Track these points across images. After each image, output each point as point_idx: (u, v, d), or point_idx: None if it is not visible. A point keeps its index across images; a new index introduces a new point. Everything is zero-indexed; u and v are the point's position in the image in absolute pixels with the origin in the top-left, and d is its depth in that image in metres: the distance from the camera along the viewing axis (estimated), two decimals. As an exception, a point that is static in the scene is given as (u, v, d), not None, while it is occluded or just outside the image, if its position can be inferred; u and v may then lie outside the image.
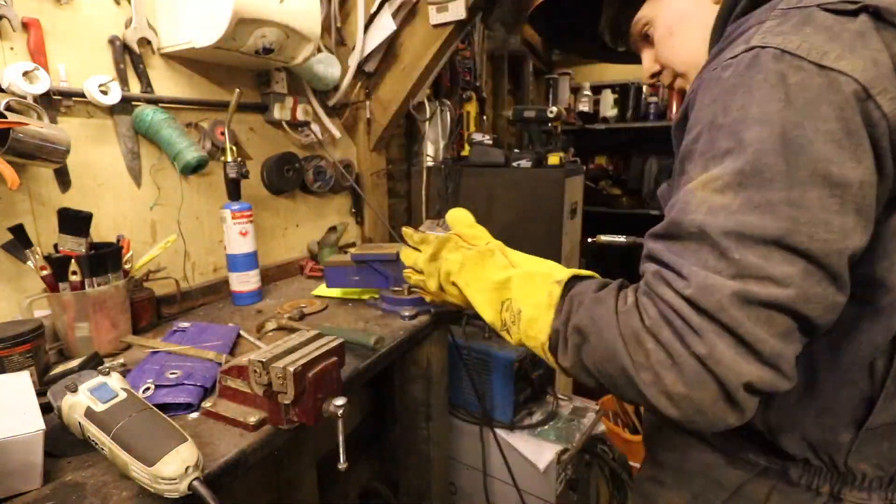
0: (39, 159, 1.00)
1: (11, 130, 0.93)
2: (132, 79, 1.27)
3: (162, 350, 1.04)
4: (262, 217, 1.68)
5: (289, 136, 1.72)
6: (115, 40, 1.22)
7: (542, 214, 2.08)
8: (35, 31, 1.06)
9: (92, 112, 1.20)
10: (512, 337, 0.65)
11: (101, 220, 1.21)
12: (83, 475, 0.70)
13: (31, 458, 0.66)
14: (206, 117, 1.44)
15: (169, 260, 1.38)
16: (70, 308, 1.04)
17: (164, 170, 1.36)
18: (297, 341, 0.84)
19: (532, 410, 1.84)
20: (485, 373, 1.76)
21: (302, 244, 1.87)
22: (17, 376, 0.80)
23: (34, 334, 0.91)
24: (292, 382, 0.74)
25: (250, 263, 1.42)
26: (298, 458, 1.59)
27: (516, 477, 1.68)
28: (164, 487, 0.61)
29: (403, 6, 1.76)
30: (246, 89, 1.57)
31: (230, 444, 0.77)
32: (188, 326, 1.19)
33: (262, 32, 1.28)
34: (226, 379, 0.86)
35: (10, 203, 1.07)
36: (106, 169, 1.24)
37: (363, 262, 1.38)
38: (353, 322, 1.29)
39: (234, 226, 1.37)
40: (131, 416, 0.67)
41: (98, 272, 1.07)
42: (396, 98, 1.94)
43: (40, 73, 1.04)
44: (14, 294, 1.09)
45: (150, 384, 0.89)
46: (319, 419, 0.80)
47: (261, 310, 1.40)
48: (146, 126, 1.26)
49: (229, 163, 1.37)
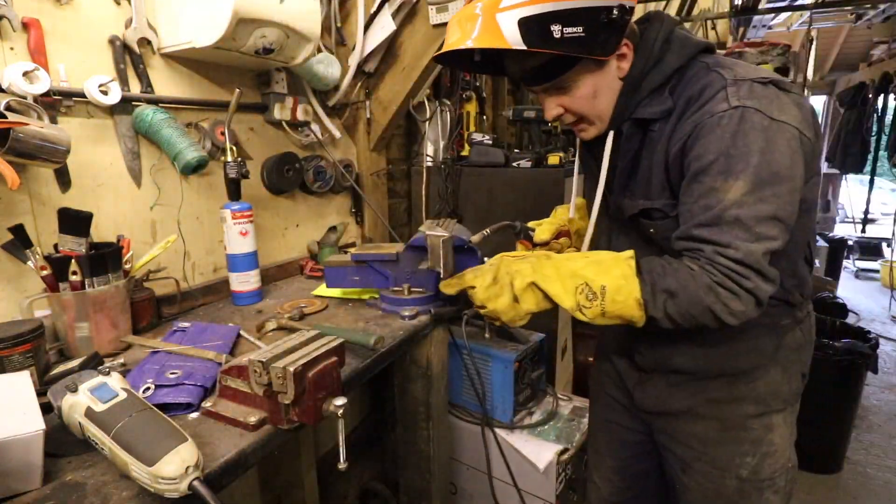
0: (39, 159, 1.00)
1: (11, 130, 0.93)
2: (132, 79, 1.27)
3: (162, 350, 1.05)
4: (262, 217, 1.68)
5: (289, 136, 1.72)
6: (116, 40, 1.22)
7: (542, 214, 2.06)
8: (35, 31, 1.06)
9: (92, 112, 1.20)
10: (587, 312, 0.85)
11: (101, 220, 1.21)
12: (83, 475, 0.70)
13: (31, 458, 0.66)
14: (206, 117, 1.44)
15: (169, 260, 1.38)
16: (70, 308, 1.04)
17: (165, 170, 1.36)
18: (297, 341, 0.84)
19: (532, 410, 1.84)
20: (485, 373, 1.76)
21: (302, 244, 1.87)
22: (17, 376, 0.80)
23: (34, 334, 0.91)
24: (292, 382, 0.74)
25: (250, 263, 1.42)
26: (298, 458, 1.59)
27: (516, 477, 1.68)
28: (165, 487, 0.61)
29: (403, 6, 1.76)
30: (246, 89, 1.57)
31: (230, 444, 0.77)
32: (188, 326, 1.19)
33: (262, 32, 1.28)
34: (226, 379, 0.86)
35: (10, 203, 1.07)
36: (106, 169, 1.24)
37: (363, 262, 1.38)
38: (353, 322, 1.29)
39: (234, 226, 1.37)
40: (131, 416, 0.67)
41: (98, 272, 1.07)
42: (396, 98, 1.94)
43: (40, 73, 1.04)
44: (14, 294, 1.09)
45: (150, 384, 0.89)
46: (319, 419, 0.80)
47: (261, 310, 1.40)
48: (146, 126, 1.26)
49: (229, 163, 1.37)
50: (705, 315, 0.81)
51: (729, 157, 0.79)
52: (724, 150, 0.79)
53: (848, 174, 6.08)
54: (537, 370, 1.86)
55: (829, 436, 2.36)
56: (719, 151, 0.79)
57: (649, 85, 0.90)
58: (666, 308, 0.82)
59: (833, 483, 2.32)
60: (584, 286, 0.85)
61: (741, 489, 1.01)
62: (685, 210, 0.85)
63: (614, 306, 0.83)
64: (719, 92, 0.82)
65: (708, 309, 0.80)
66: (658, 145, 0.90)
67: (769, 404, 0.99)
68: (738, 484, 1.01)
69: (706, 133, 0.81)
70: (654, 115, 0.89)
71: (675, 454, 1.09)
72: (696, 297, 0.80)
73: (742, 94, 0.81)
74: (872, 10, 4.27)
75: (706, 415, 1.02)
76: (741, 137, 0.78)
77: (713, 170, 0.80)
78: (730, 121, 0.79)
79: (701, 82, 0.86)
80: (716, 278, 0.79)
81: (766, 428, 0.99)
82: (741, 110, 0.79)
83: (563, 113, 0.95)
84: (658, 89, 0.90)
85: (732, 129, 0.79)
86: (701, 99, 0.84)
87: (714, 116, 0.81)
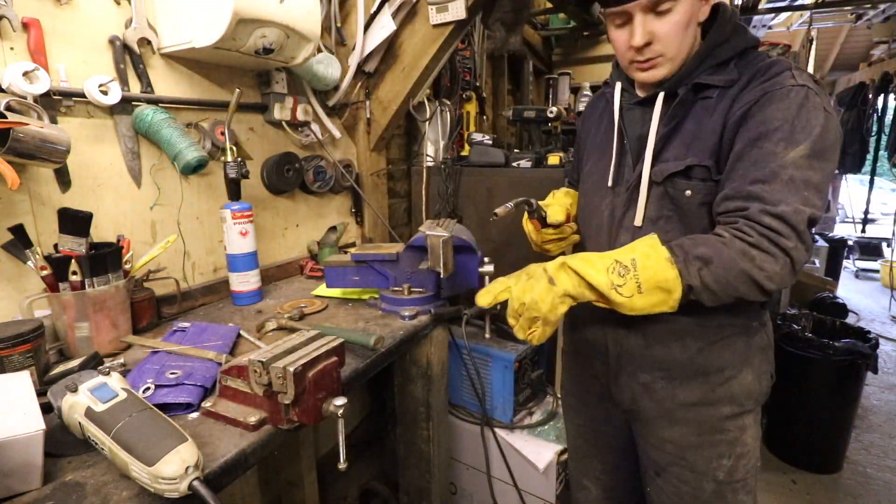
0: (39, 159, 1.00)
1: (11, 130, 0.93)
2: (132, 79, 1.27)
3: (162, 350, 1.05)
4: (262, 217, 1.68)
5: (289, 136, 1.72)
6: (116, 40, 1.22)
7: (542, 214, 2.07)
8: (35, 31, 1.06)
9: (92, 112, 1.20)
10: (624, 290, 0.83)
11: (101, 220, 1.21)
12: (83, 475, 0.70)
13: (31, 458, 0.66)
14: (206, 117, 1.44)
15: (169, 260, 1.38)
16: (70, 308, 1.04)
17: (164, 170, 1.36)
18: (297, 341, 0.84)
19: (532, 410, 1.84)
20: (485, 373, 1.76)
21: (302, 244, 1.87)
22: (17, 376, 0.80)
23: (34, 334, 0.91)
24: (292, 382, 0.74)
25: (250, 263, 1.42)
26: (298, 458, 1.59)
27: (516, 477, 1.68)
28: (164, 487, 0.61)
29: (403, 6, 1.76)
30: (246, 89, 1.57)
31: (230, 444, 0.77)
32: (188, 326, 1.19)
33: (262, 32, 1.28)
34: (226, 379, 0.86)
35: (10, 203, 1.07)
36: (106, 169, 1.24)
37: (363, 262, 1.38)
38: (353, 322, 1.29)
39: (234, 226, 1.37)
40: (131, 416, 0.67)
41: (98, 272, 1.07)
42: (396, 98, 1.94)
43: (40, 73, 1.04)
44: (14, 294, 1.09)
45: (150, 384, 0.89)
46: (319, 419, 0.80)
47: (261, 310, 1.40)
48: (146, 126, 1.26)
49: (229, 163, 1.37)
50: (742, 280, 0.81)
51: (793, 126, 0.83)
52: (790, 118, 0.83)
53: (848, 174, 6.09)
54: (537, 370, 1.86)
55: (829, 436, 2.36)
56: (785, 119, 0.83)
57: (717, 57, 0.93)
58: (701, 276, 0.81)
59: (833, 483, 2.32)
60: (614, 264, 0.84)
61: (718, 492, 1.02)
62: (738, 173, 0.86)
63: (647, 272, 0.82)
64: (786, 70, 0.87)
65: (744, 273, 0.80)
66: (715, 112, 0.91)
67: (743, 404, 1.01)
68: (714, 487, 1.02)
69: (774, 101, 0.85)
70: (718, 82, 0.92)
71: (649, 457, 1.09)
72: (731, 262, 0.80)
73: (806, 78, 0.86)
74: (872, 10, 4.27)
75: (682, 419, 1.02)
76: (805, 112, 0.83)
77: (776, 136, 0.83)
78: (797, 95, 0.84)
79: (766, 62, 0.91)
80: (751, 239, 0.80)
81: (740, 428, 1.01)
82: (807, 89, 0.84)
83: (650, 43, 0.92)
84: (724, 63, 0.93)
85: (799, 102, 0.83)
86: (769, 73, 0.88)
87: (783, 88, 0.85)
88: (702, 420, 1.01)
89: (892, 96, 5.02)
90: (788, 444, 2.45)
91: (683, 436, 1.03)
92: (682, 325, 0.98)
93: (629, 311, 0.84)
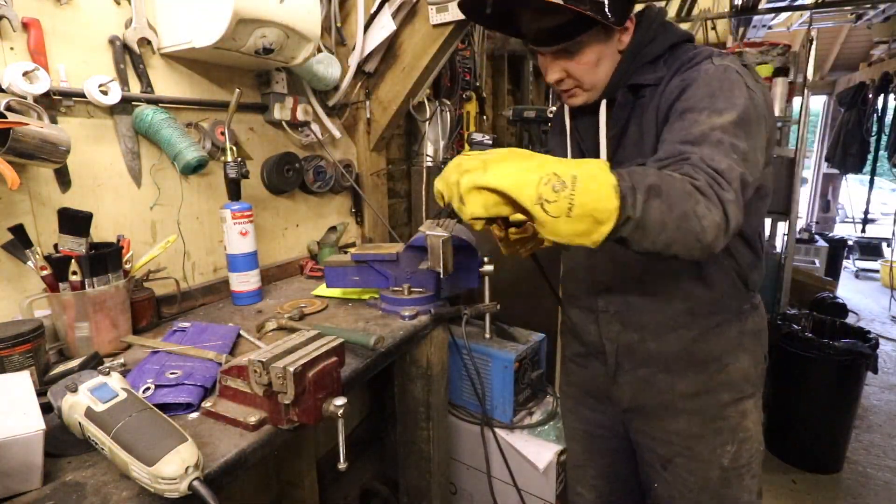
0: (39, 159, 1.00)
1: (11, 130, 0.93)
2: (132, 79, 1.27)
3: (162, 350, 1.05)
4: (262, 217, 1.68)
5: (289, 136, 1.72)
6: (116, 40, 1.22)
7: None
8: (35, 31, 1.06)
9: (92, 112, 1.20)
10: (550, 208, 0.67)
11: (101, 220, 1.21)
12: (83, 475, 0.70)
13: (31, 458, 0.66)
14: (206, 117, 1.44)
15: (169, 260, 1.38)
16: (70, 308, 1.04)
17: (164, 170, 1.36)
18: (297, 341, 0.84)
19: (532, 410, 1.84)
20: (485, 373, 1.76)
21: (302, 244, 1.87)
22: (17, 376, 0.80)
23: (34, 334, 0.91)
24: (292, 382, 0.74)
25: (250, 263, 1.42)
26: (298, 458, 1.59)
27: (516, 477, 1.68)
28: (165, 487, 0.61)
29: (403, 6, 1.76)
30: (246, 89, 1.57)
31: (230, 444, 0.77)
32: (188, 326, 1.19)
33: (262, 32, 1.28)
34: (226, 379, 0.86)
35: (10, 203, 1.07)
36: (106, 169, 1.24)
37: (363, 262, 1.38)
38: (353, 322, 1.29)
39: (234, 226, 1.37)
40: (131, 416, 0.67)
41: (98, 272, 1.07)
42: (396, 98, 1.94)
43: (40, 73, 1.04)
44: (14, 294, 1.09)
45: (150, 384, 0.89)
46: (319, 419, 0.80)
47: (261, 310, 1.40)
48: (146, 126, 1.26)
49: (229, 163, 1.37)
50: (682, 222, 0.72)
51: (714, 98, 0.84)
52: (711, 92, 0.85)
53: (848, 174, 6.08)
54: (537, 370, 1.86)
55: (829, 436, 2.36)
56: (706, 94, 0.85)
57: (645, 57, 0.97)
58: (646, 208, 0.70)
59: (833, 483, 2.32)
60: (551, 176, 0.68)
61: (724, 478, 1.04)
62: (666, 141, 0.85)
63: (585, 196, 0.67)
64: (707, 57, 0.91)
65: (685, 216, 0.71)
66: (649, 108, 0.95)
67: (742, 390, 1.03)
68: (721, 473, 1.03)
69: (694, 82, 0.88)
70: (648, 81, 0.95)
71: (654, 452, 1.10)
72: (679, 199, 0.71)
73: (730, 60, 0.90)
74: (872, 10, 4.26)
75: (684, 409, 1.04)
76: (727, 85, 0.85)
77: (699, 106, 0.84)
78: (716, 72, 0.87)
79: (690, 53, 0.95)
80: (698, 182, 0.74)
81: (741, 414, 1.03)
82: (725, 67, 0.88)
83: (564, 78, 0.99)
84: (653, 61, 0.97)
85: (719, 78, 0.86)
86: (691, 62, 0.92)
87: (704, 72, 0.89)
88: (703, 409, 1.03)
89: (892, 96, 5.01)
90: (788, 445, 2.45)
91: (687, 426, 1.04)
92: (674, 315, 1.00)
93: (548, 233, 0.69)
